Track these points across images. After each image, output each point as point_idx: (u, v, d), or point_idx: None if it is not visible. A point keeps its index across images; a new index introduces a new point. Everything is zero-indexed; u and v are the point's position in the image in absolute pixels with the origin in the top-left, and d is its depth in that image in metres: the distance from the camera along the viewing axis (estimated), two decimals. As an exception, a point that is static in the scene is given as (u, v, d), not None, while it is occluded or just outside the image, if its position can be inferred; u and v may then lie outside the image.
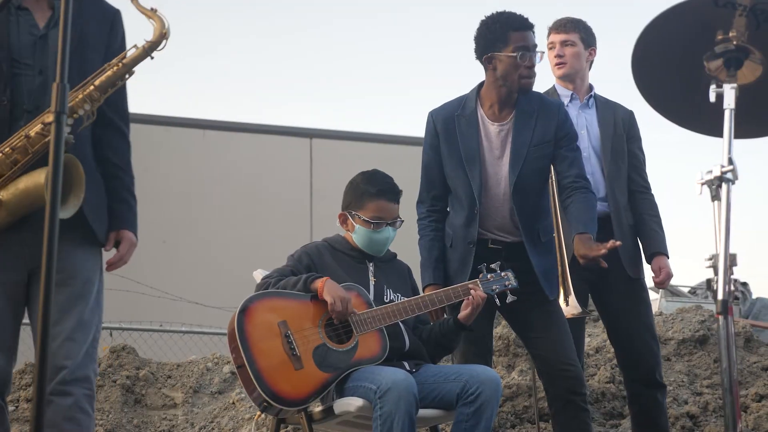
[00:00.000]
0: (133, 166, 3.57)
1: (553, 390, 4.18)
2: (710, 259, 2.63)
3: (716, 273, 2.60)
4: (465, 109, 4.27)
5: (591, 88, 4.85)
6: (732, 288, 2.59)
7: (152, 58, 3.34)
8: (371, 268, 4.05)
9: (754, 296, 10.10)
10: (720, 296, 2.58)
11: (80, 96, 3.24)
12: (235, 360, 3.74)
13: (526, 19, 4.19)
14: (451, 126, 4.26)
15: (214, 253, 13.35)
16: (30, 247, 3.22)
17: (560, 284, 4.45)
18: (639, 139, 4.83)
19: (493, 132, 4.24)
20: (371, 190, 4.02)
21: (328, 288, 3.79)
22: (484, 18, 4.21)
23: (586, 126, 4.73)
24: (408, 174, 6.22)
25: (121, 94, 3.46)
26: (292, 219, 13.90)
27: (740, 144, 2.94)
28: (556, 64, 4.82)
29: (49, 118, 2.33)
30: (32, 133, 3.16)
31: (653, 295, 14.51)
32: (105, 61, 3.37)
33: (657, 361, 4.65)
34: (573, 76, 4.80)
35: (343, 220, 4.09)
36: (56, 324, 3.23)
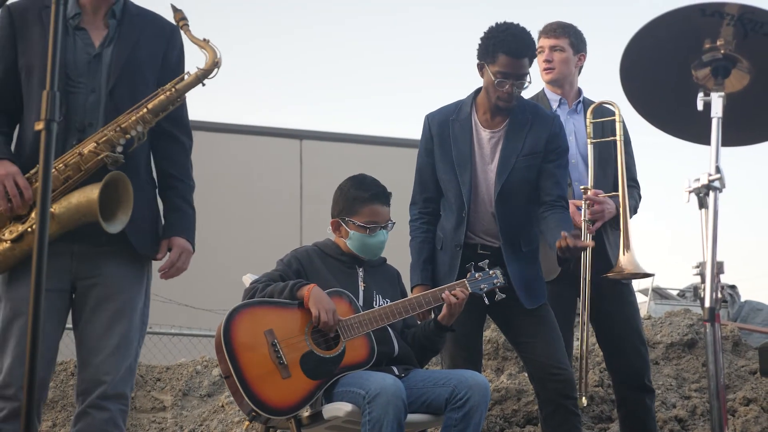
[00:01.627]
0: None
1: (544, 394, 4.19)
2: (697, 266, 2.64)
3: (703, 280, 2.62)
4: (460, 114, 4.28)
5: (580, 92, 4.83)
6: (719, 295, 2.61)
7: (204, 84, 3.47)
8: (361, 274, 4.05)
9: (742, 299, 10.15)
10: (707, 304, 2.60)
11: (133, 118, 3.35)
12: (223, 370, 3.73)
13: (524, 46, 4.10)
14: (445, 130, 4.27)
15: (204, 255, 13.29)
16: (77, 257, 3.36)
17: (621, 237, 4.46)
18: (627, 142, 4.82)
19: (485, 138, 4.25)
20: (364, 195, 4.02)
21: (314, 299, 3.78)
22: (493, 24, 4.17)
23: (574, 132, 4.72)
24: (398, 176, 6.24)
25: (180, 107, 3.54)
26: (282, 220, 13.90)
27: (738, 149, 2.97)
28: (544, 69, 4.79)
29: (40, 125, 2.33)
30: (85, 151, 3.29)
31: (642, 298, 14.58)
32: (160, 77, 3.48)
33: (645, 365, 4.65)
34: (561, 81, 4.79)
35: (336, 227, 4.08)
36: (101, 339, 3.35)
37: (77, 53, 3.39)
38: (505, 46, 4.08)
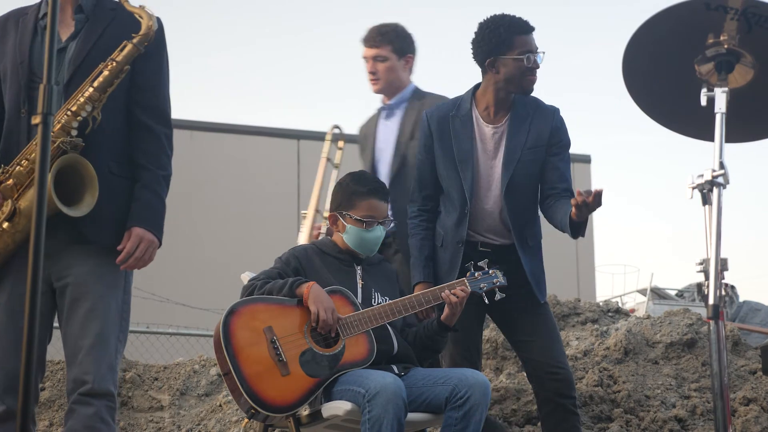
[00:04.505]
0: None
1: (543, 393, 4.18)
2: (701, 263, 2.62)
3: (707, 277, 2.59)
4: (460, 110, 4.27)
5: (411, 93, 4.83)
6: (723, 293, 2.58)
7: (142, 51, 3.41)
8: (359, 271, 4.03)
9: (741, 299, 10.13)
10: (711, 301, 2.57)
11: (82, 99, 3.33)
12: (221, 367, 3.70)
13: (528, 23, 4.20)
14: (445, 126, 4.27)
15: (202, 254, 13.32)
16: (48, 257, 3.27)
17: None
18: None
19: (487, 134, 4.24)
20: (362, 190, 4.02)
21: (313, 296, 3.76)
22: (484, 22, 4.19)
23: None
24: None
25: (152, 92, 3.52)
26: (280, 220, 13.89)
27: (733, 147, 2.94)
28: (371, 81, 4.82)
29: (37, 119, 2.32)
30: None
31: (640, 298, 14.53)
32: (134, 68, 3.45)
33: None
34: (390, 90, 4.75)
35: (334, 221, 4.07)
36: (78, 339, 3.35)
37: (43, 50, 3.35)
38: (517, 28, 4.16)
